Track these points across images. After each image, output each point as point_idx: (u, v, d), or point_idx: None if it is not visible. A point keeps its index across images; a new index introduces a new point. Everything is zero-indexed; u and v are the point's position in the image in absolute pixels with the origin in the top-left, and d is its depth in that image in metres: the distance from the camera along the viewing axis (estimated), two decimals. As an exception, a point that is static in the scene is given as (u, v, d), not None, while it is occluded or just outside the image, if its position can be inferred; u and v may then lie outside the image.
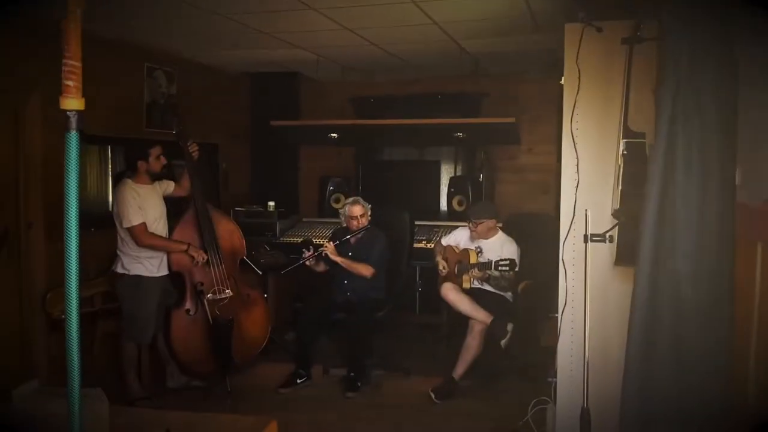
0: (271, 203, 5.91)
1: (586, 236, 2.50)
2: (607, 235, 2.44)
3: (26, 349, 4.27)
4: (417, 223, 5.09)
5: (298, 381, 4.44)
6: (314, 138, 5.91)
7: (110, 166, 4.94)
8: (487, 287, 4.47)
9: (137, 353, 4.18)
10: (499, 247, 4.42)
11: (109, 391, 4.21)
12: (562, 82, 3.07)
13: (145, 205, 4.03)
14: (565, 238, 3.00)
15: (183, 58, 5.52)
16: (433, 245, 5.24)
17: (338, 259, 4.44)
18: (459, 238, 4.66)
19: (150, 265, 4.08)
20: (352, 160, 6.46)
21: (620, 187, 2.58)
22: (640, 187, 2.53)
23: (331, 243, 4.47)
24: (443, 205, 5.93)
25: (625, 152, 2.62)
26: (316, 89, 6.45)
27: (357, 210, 4.51)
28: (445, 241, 4.75)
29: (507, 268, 4.09)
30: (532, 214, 5.80)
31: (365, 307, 4.41)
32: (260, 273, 4.96)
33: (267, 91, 6.41)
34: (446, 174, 6.07)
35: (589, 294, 3.01)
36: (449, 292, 4.34)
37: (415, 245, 5.06)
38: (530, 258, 4.47)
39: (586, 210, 2.51)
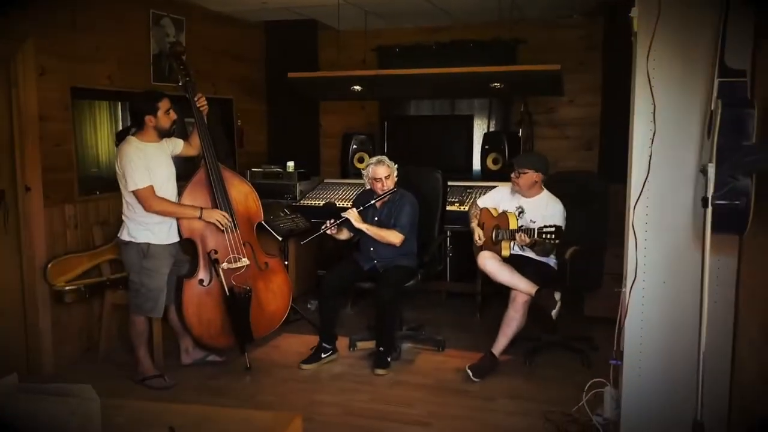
0: (290, 163, 5.51)
1: (705, 199, 2.03)
2: (742, 198, 1.97)
3: (31, 324, 3.94)
4: (448, 183, 4.63)
5: (323, 356, 4.07)
6: (335, 92, 5.44)
7: (121, 124, 4.55)
8: (528, 253, 4.03)
9: (148, 327, 3.83)
10: (543, 206, 3.96)
11: (120, 366, 3.95)
12: (633, 14, 2.56)
13: (152, 165, 3.62)
14: (637, 198, 2.53)
15: (192, 5, 5.06)
16: (467, 207, 4.80)
17: (363, 226, 4.01)
18: (497, 198, 4.21)
19: (159, 232, 3.69)
20: (377, 116, 6.00)
21: (714, 138, 2.10)
22: (742, 138, 2.05)
23: (355, 209, 4.03)
24: (476, 163, 5.46)
25: (721, 95, 2.13)
26: (337, 39, 5.95)
27: (381, 171, 4.05)
28: (481, 203, 4.30)
29: (552, 236, 3.63)
30: (574, 172, 5.32)
31: (394, 276, 3.99)
32: (280, 239, 4.59)
33: (283, 42, 5.95)
34: (479, 129, 5.58)
35: (665, 267, 2.57)
36: (487, 262, 3.91)
37: (447, 207, 4.61)
38: (575, 221, 4.01)
39: (706, 165, 2.03)
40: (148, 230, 3.65)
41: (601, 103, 5.53)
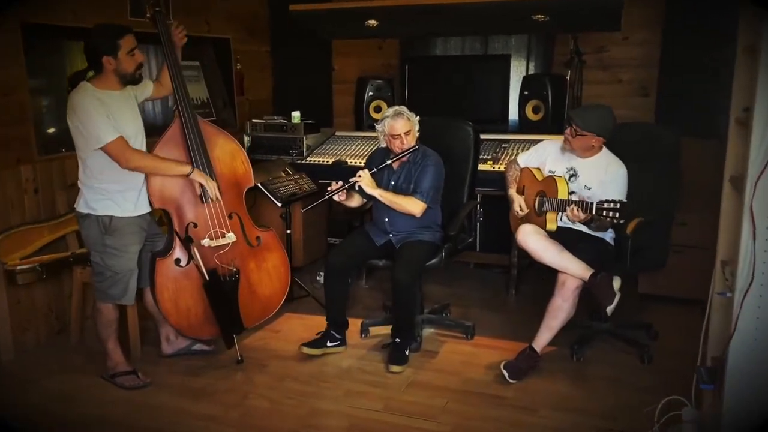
0: (296, 113, 4.76)
1: None
2: None
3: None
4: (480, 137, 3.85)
5: (329, 344, 3.42)
6: (347, 28, 4.62)
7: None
8: (579, 226, 3.26)
9: (118, 315, 3.19)
10: (601, 170, 3.17)
11: (92, 355, 3.23)
12: None
13: (114, 116, 2.90)
14: (762, 170, 1.75)
15: None
16: (501, 166, 4.04)
17: (376, 192, 3.27)
18: (543, 155, 3.42)
19: (123, 202, 3.00)
20: (396, 56, 5.17)
21: None
22: None
23: (367, 171, 3.28)
24: (513, 112, 4.64)
25: None
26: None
27: (400, 126, 3.28)
28: (522, 161, 3.52)
29: (616, 214, 2.84)
30: (628, 124, 4.49)
31: (413, 254, 3.27)
32: (279, 205, 3.89)
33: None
34: (517, 72, 4.74)
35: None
36: (530, 238, 3.15)
37: (478, 167, 3.84)
38: (637, 184, 3.23)
39: None
40: (109, 199, 2.96)
41: (660, 41, 4.64)
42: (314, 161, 4.53)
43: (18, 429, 2.84)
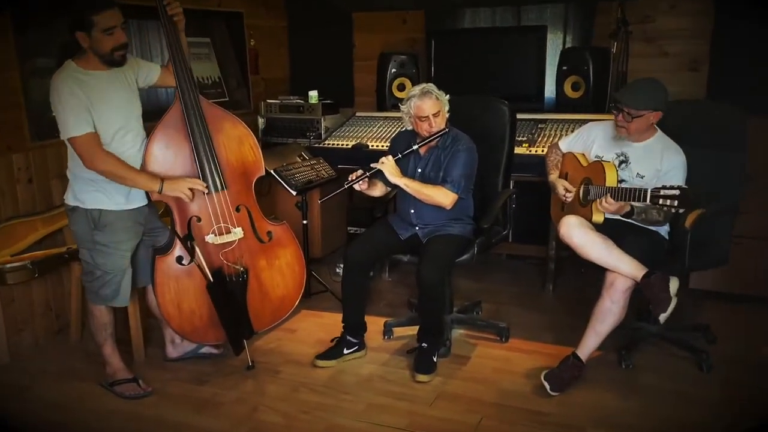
0: (313, 93, 4.43)
1: None
2: None
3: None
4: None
5: (345, 351, 3.11)
6: (368, -1, 4.26)
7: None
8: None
9: (112, 317, 2.89)
10: (656, 156, 2.78)
11: (92, 358, 3.10)
12: None
13: (97, 102, 2.56)
14: None
15: None
16: (538, 149, 3.66)
17: (401, 181, 2.91)
18: (588, 140, 3.03)
19: (115, 194, 2.68)
20: (422, 30, 4.78)
21: None
22: None
23: (390, 157, 2.92)
24: (550, 90, 4.23)
25: None
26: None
27: (429, 106, 2.90)
28: (565, 146, 3.14)
29: (675, 202, 2.45)
30: (684, 101, 4.07)
31: (441, 249, 2.92)
32: (294, 193, 3.57)
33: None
34: (553, 45, 4.32)
35: None
36: (574, 232, 2.77)
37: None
38: (696, 171, 2.83)
39: None
40: (98, 191, 2.65)
41: (713, 9, 4.19)
42: (333, 145, 4.19)
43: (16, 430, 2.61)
